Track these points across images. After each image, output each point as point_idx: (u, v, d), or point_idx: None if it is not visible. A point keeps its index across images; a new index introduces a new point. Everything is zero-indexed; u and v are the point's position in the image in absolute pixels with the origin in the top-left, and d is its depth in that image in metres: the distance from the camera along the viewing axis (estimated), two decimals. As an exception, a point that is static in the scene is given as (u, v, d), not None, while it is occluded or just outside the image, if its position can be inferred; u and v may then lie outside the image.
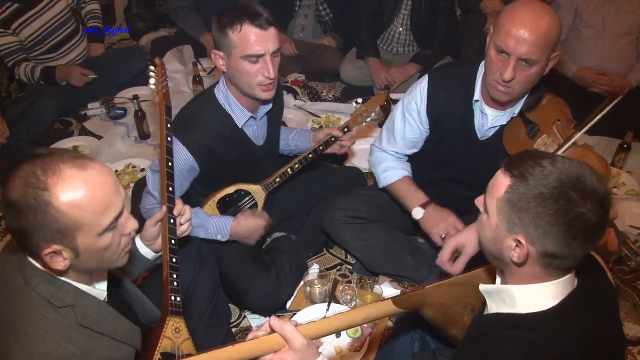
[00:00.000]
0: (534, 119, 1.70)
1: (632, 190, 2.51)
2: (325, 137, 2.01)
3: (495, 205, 0.97)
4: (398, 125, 1.95)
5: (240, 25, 1.60)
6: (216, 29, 1.66)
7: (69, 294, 1.06)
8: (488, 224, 1.00)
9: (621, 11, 2.86)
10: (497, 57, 1.57)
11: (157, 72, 1.52)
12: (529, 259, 0.95)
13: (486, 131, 1.80)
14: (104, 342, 1.10)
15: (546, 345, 0.93)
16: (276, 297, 1.92)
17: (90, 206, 0.99)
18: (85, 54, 3.27)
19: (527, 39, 1.49)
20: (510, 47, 1.51)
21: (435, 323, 1.27)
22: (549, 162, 0.92)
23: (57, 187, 0.96)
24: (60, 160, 0.98)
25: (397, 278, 2.08)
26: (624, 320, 1.91)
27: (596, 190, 0.89)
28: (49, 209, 0.96)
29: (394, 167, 1.99)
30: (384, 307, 1.16)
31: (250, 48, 1.61)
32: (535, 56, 1.51)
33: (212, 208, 1.90)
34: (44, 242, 0.98)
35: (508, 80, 1.56)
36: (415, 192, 1.93)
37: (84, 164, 1.00)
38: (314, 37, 3.59)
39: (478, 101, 1.75)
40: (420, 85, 1.85)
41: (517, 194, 0.92)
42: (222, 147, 1.79)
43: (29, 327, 1.01)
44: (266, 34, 1.62)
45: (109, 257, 1.09)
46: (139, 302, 1.34)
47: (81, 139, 2.96)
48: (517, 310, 0.99)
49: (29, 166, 0.97)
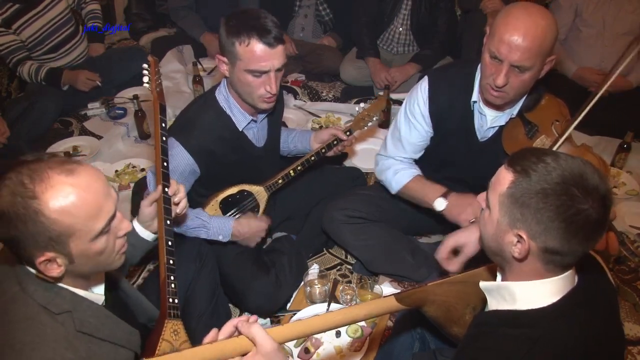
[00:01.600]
0: (532, 120, 1.70)
1: (632, 190, 2.51)
2: (330, 138, 2.01)
3: (497, 200, 0.97)
4: (404, 131, 1.92)
5: (248, 39, 1.57)
6: (223, 34, 1.63)
7: (66, 299, 1.05)
8: (490, 219, 1.00)
9: (621, 11, 2.86)
10: (491, 62, 1.56)
11: (150, 70, 1.51)
12: (529, 255, 0.95)
13: (485, 132, 1.79)
14: (103, 347, 1.09)
15: (546, 342, 0.94)
16: (276, 299, 1.92)
17: (81, 212, 0.97)
18: (85, 54, 3.27)
19: (520, 45, 1.46)
20: (503, 53, 1.50)
21: (436, 321, 1.27)
22: (552, 159, 0.92)
23: (46, 195, 0.94)
24: (47, 167, 0.96)
25: (397, 278, 2.08)
26: (624, 320, 1.91)
27: (598, 188, 0.89)
28: (39, 218, 0.94)
29: (403, 168, 1.96)
30: (387, 304, 1.16)
31: (255, 64, 1.60)
32: (528, 63, 1.50)
33: (214, 208, 1.90)
34: (37, 250, 0.97)
35: (500, 86, 1.55)
36: (432, 186, 1.88)
37: (72, 169, 0.98)
38: (314, 37, 3.59)
39: (476, 102, 1.75)
40: (420, 87, 1.84)
41: (520, 189, 0.93)
42: (223, 149, 1.80)
43: (26, 335, 0.99)
44: (273, 51, 1.61)
45: (105, 261, 1.08)
46: (136, 302, 1.34)
47: (81, 139, 2.96)
48: (517, 306, 1.00)
49: (15, 174, 0.94)
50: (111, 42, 3.99)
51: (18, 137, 2.77)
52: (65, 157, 1.02)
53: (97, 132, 3.02)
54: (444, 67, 2.22)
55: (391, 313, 1.74)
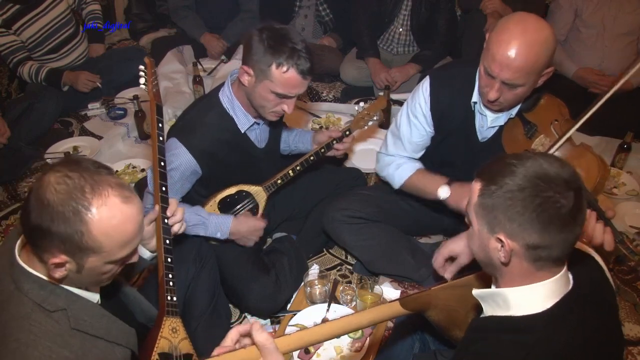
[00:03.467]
0: (532, 120, 1.70)
1: (632, 190, 2.50)
2: (327, 140, 2.01)
3: (473, 212, 1.00)
4: (404, 130, 1.92)
5: (287, 67, 1.60)
6: (259, 51, 1.61)
7: (60, 298, 1.06)
8: (473, 233, 1.02)
9: (621, 11, 2.86)
10: (485, 76, 1.56)
11: (147, 71, 1.51)
12: (514, 256, 0.96)
13: (486, 132, 1.79)
14: (98, 344, 1.10)
15: (543, 349, 0.93)
16: (276, 299, 1.92)
17: (117, 238, 1.02)
18: (85, 55, 3.28)
19: (512, 65, 1.45)
20: (495, 71, 1.49)
21: (439, 325, 1.27)
22: (516, 162, 0.95)
23: (99, 210, 0.98)
24: (109, 185, 1.00)
25: (398, 278, 2.08)
26: (624, 320, 1.91)
27: (560, 174, 0.91)
28: (81, 227, 0.97)
29: (405, 162, 1.96)
30: (391, 309, 1.16)
31: (285, 90, 1.65)
32: (521, 81, 1.50)
33: (213, 209, 1.90)
34: (58, 250, 0.99)
35: (492, 100, 1.57)
36: (434, 177, 1.88)
37: (128, 197, 1.03)
38: (314, 37, 3.59)
39: (477, 103, 1.75)
40: (422, 87, 1.85)
41: (488, 194, 0.95)
42: (225, 150, 1.80)
43: (21, 333, 1.01)
44: (304, 82, 1.66)
45: (102, 279, 1.12)
46: (134, 302, 1.34)
47: (81, 139, 2.96)
48: (512, 313, 0.99)
49: (78, 177, 0.98)
50: (111, 42, 3.99)
51: (18, 138, 2.78)
52: (123, 181, 1.06)
53: (97, 132, 3.02)
54: (445, 67, 2.22)
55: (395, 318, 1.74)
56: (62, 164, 1.01)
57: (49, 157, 2.79)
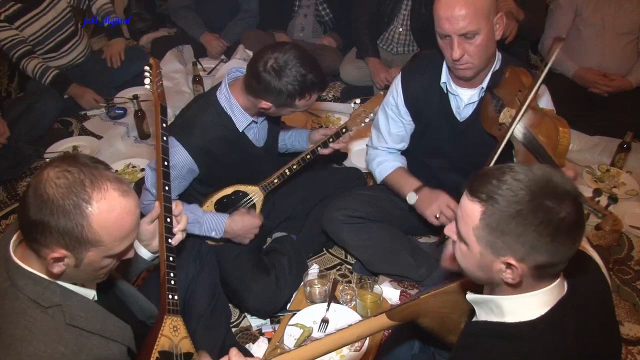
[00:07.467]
0: (499, 94, 1.72)
1: (632, 190, 2.50)
2: (322, 138, 2.01)
3: (473, 234, 0.94)
4: (382, 123, 2.04)
5: (310, 95, 1.72)
6: (277, 91, 1.66)
7: (56, 293, 1.06)
8: (470, 253, 0.97)
9: (621, 11, 2.86)
10: (443, 42, 1.65)
11: (152, 72, 1.52)
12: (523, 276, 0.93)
13: (463, 111, 1.84)
14: (93, 340, 1.10)
15: (537, 356, 0.93)
16: (275, 299, 1.91)
17: (116, 231, 1.03)
18: (85, 54, 3.27)
19: (457, 15, 1.55)
20: (446, 29, 1.58)
21: (432, 331, 1.27)
22: (511, 177, 0.90)
23: (99, 204, 0.99)
24: (107, 179, 1.01)
25: (397, 278, 2.08)
26: (624, 320, 1.91)
27: (568, 191, 0.88)
28: (82, 220, 0.98)
29: (386, 160, 2.07)
30: (378, 322, 1.14)
31: (305, 108, 1.78)
32: (473, 27, 1.56)
33: (210, 209, 1.90)
34: (58, 245, 0.99)
35: (458, 58, 1.62)
36: (408, 179, 1.98)
37: (126, 191, 1.04)
38: (313, 37, 3.59)
39: (445, 83, 1.81)
40: (395, 80, 1.95)
41: (494, 218, 0.90)
42: (222, 149, 1.80)
43: (16, 329, 1.01)
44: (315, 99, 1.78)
45: (98, 275, 1.12)
46: (133, 300, 1.34)
47: (81, 139, 2.96)
48: (506, 319, 0.98)
49: (77, 171, 0.99)
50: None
51: (18, 137, 2.78)
52: (120, 176, 1.07)
53: (97, 132, 3.02)
54: (413, 58, 2.32)
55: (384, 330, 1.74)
56: (60, 159, 1.01)
57: (49, 156, 2.79)
